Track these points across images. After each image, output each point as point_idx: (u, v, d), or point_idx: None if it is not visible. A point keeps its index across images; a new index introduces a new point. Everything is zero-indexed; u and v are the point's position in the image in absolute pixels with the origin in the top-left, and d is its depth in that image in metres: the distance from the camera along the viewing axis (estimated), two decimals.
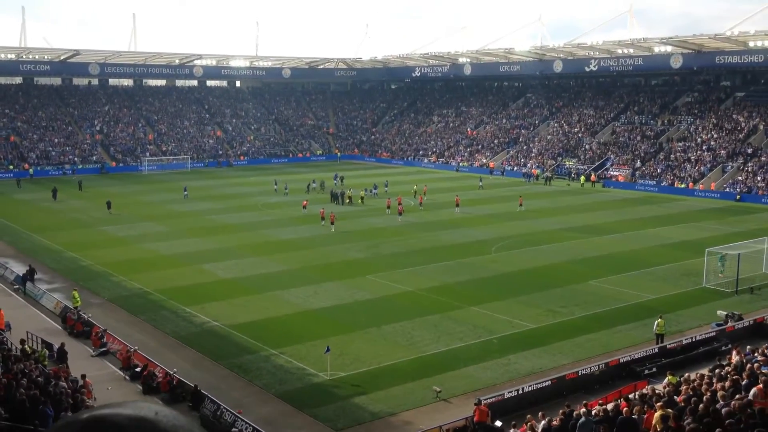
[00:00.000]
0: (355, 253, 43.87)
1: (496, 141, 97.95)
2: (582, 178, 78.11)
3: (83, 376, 23.13)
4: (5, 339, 25.32)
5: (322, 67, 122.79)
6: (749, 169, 70.97)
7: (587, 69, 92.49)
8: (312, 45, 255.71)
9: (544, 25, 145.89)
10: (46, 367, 23.83)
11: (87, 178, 79.84)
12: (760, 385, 16.76)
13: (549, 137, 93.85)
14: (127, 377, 26.03)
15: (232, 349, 28.26)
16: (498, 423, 22.05)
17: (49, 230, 50.90)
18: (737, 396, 16.38)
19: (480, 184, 74.19)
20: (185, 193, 67.35)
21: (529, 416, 20.56)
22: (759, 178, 68.90)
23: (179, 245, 46.13)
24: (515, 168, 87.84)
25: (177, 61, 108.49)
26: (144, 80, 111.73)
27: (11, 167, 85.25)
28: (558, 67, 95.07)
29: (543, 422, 19.90)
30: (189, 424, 0.98)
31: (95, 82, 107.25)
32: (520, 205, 59.82)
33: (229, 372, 26.18)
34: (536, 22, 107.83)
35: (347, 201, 62.82)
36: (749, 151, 74.06)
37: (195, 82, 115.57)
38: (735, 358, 22.88)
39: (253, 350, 28.06)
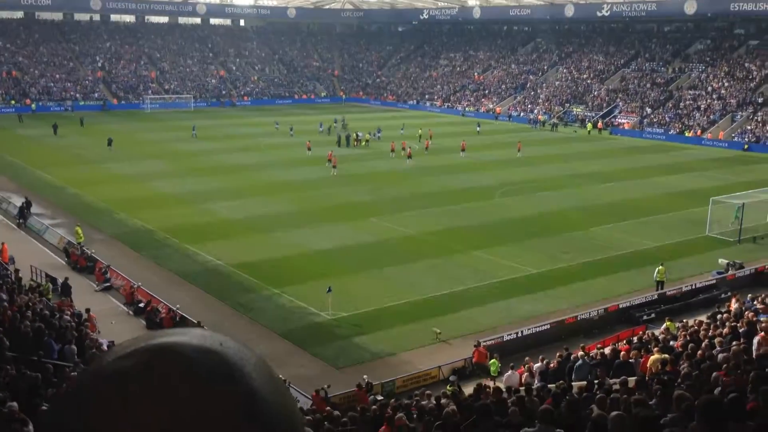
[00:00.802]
0: (358, 196, 43.79)
1: (503, 86, 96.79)
2: (589, 125, 77.31)
3: (87, 310, 23.37)
4: (9, 273, 25.49)
5: (328, 7, 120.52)
6: (759, 119, 70.18)
7: (599, 14, 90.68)
8: None
9: None
10: (51, 300, 24.07)
11: (89, 114, 79.29)
12: (762, 333, 16.84)
13: (557, 83, 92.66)
14: (130, 312, 26.31)
15: (235, 287, 28.46)
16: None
17: (51, 166, 50.78)
18: (734, 342, 16.48)
19: (478, 129, 73.05)
20: (194, 132, 67.01)
21: (527, 359, 20.79)
22: None
23: (182, 184, 46.06)
24: (521, 114, 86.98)
25: None
26: (146, 17, 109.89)
27: (13, 102, 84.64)
28: (569, 11, 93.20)
29: (540, 364, 20.13)
30: (255, 356, 1.00)
31: (97, 17, 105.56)
32: (519, 150, 59.38)
33: (232, 310, 26.41)
34: None
35: (354, 143, 62.44)
36: (760, 100, 73.12)
37: (198, 20, 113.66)
38: (734, 305, 23.00)
39: (255, 289, 28.25)
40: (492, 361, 21.79)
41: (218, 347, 0.98)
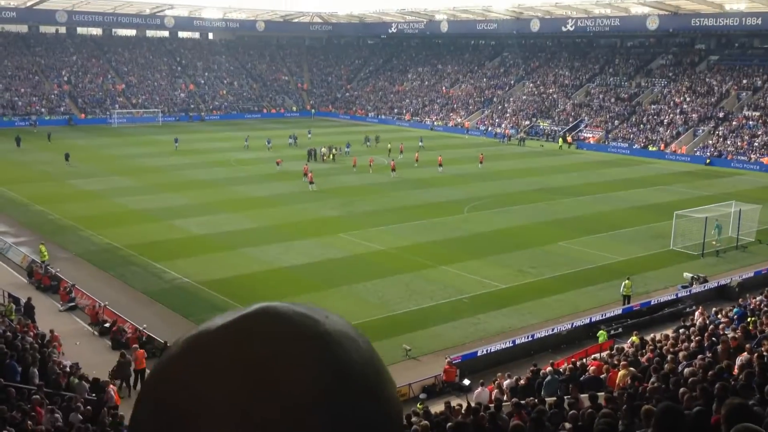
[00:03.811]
0: (328, 211, 43.74)
1: (471, 100, 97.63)
2: (560, 140, 78.10)
3: (51, 331, 22.94)
4: None
5: (297, 20, 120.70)
6: (720, 134, 71.71)
7: (564, 29, 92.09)
8: None
9: None
10: (13, 321, 23.58)
11: (54, 129, 78.08)
12: (723, 345, 17.14)
13: (524, 97, 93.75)
14: (95, 332, 25.89)
15: (203, 305, 28.17)
16: (466, 381, 22.40)
17: (16, 182, 49.90)
18: (699, 356, 16.76)
19: (420, 144, 71.53)
20: (176, 144, 67.38)
21: (500, 374, 20.89)
22: (729, 143, 69.71)
23: (150, 200, 45.56)
24: (489, 128, 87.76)
25: (148, 10, 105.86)
26: (113, 29, 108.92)
27: None
28: (535, 26, 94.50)
29: (509, 381, 20.24)
30: (358, 334, 1.01)
31: (63, 30, 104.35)
32: (480, 162, 60.04)
33: None
34: None
35: (324, 158, 62.47)
36: (721, 115, 74.75)
37: (166, 33, 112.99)
38: (699, 319, 23.39)
39: (223, 307, 27.98)
40: (601, 332, 24.85)
41: (322, 318, 0.99)
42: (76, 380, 19.21)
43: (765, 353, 15.57)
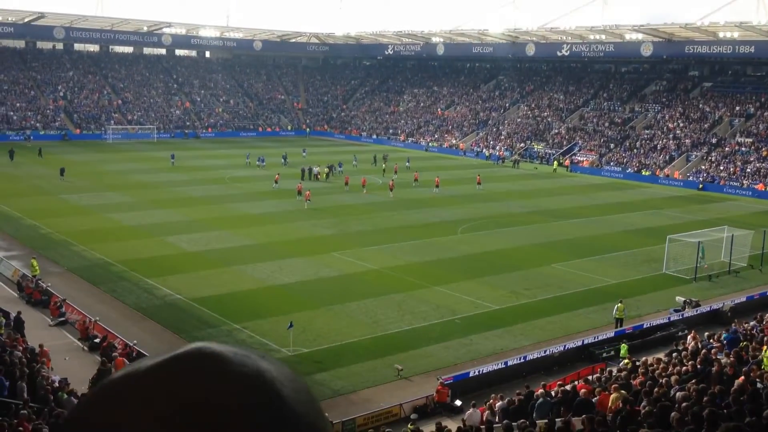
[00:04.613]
0: (321, 230, 43.70)
1: (465, 122, 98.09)
2: (555, 162, 78.37)
3: (41, 346, 22.75)
4: None
5: (294, 40, 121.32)
6: (713, 159, 72.16)
7: (559, 54, 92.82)
8: (284, 18, 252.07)
9: (518, 8, 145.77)
10: (3, 335, 23.38)
11: (49, 144, 78.12)
12: (717, 368, 17.11)
13: (519, 120, 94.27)
14: (85, 348, 25.68)
15: (194, 322, 28.02)
16: (457, 402, 22.28)
17: (8, 197, 49.71)
18: (692, 381, 16.73)
19: (407, 164, 71.76)
20: (173, 160, 67.76)
21: (493, 396, 20.79)
22: (721, 168, 70.13)
23: (143, 216, 45.45)
24: (483, 150, 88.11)
25: (145, 28, 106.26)
26: (110, 46, 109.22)
27: None
28: (530, 50, 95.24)
29: (501, 402, 20.14)
30: (296, 377, 0.99)
31: (60, 46, 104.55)
32: (479, 183, 60.52)
33: None
34: (510, 3, 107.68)
35: (319, 177, 62.56)
36: (713, 141, 75.26)
37: (163, 51, 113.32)
38: (691, 343, 23.37)
39: (215, 324, 27.86)
40: (623, 345, 25.77)
41: (260, 357, 0.97)
42: (64, 395, 19.03)
43: (756, 379, 15.57)
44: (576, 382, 21.69)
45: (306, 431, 0.90)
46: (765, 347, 18.99)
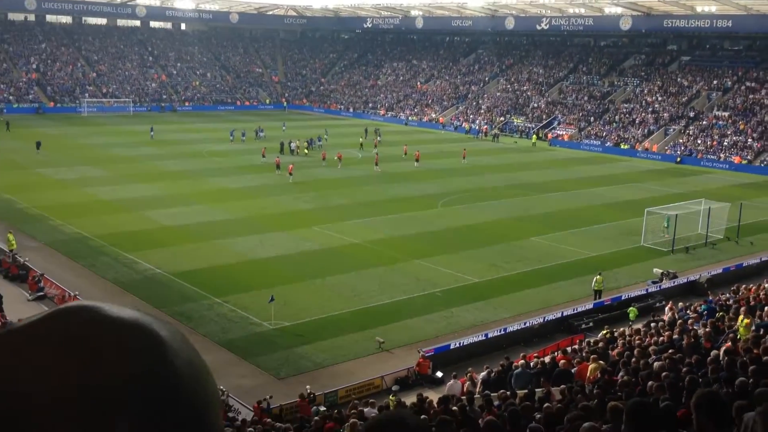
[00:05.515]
0: (302, 204, 43.56)
1: (445, 96, 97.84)
2: (534, 137, 78.55)
3: (19, 321, 22.52)
4: None
5: (271, 13, 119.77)
6: (690, 133, 72.76)
7: (538, 27, 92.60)
8: None
9: None
10: None
11: (23, 117, 76.84)
12: (690, 339, 17.40)
13: (498, 94, 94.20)
14: None
15: (175, 296, 27.92)
16: (439, 374, 22.48)
17: None
18: (669, 350, 17.00)
19: (378, 138, 71.19)
20: (152, 133, 67.23)
21: (470, 369, 20.99)
22: (699, 142, 70.76)
23: (121, 191, 44.98)
24: (464, 124, 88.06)
25: None
26: (84, 18, 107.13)
27: None
28: (510, 24, 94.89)
29: (483, 373, 20.35)
30: (181, 334, 0.99)
31: (32, 17, 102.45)
32: (464, 158, 60.82)
33: (172, 319, 25.84)
34: None
35: (297, 152, 62.21)
36: (691, 114, 75.83)
37: (138, 23, 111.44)
38: (668, 314, 23.73)
39: (196, 298, 27.78)
40: (631, 308, 26.57)
41: (145, 313, 0.96)
42: None
43: (731, 348, 15.85)
44: (555, 353, 21.97)
45: (187, 367, 0.91)
46: (741, 317, 19.32)
